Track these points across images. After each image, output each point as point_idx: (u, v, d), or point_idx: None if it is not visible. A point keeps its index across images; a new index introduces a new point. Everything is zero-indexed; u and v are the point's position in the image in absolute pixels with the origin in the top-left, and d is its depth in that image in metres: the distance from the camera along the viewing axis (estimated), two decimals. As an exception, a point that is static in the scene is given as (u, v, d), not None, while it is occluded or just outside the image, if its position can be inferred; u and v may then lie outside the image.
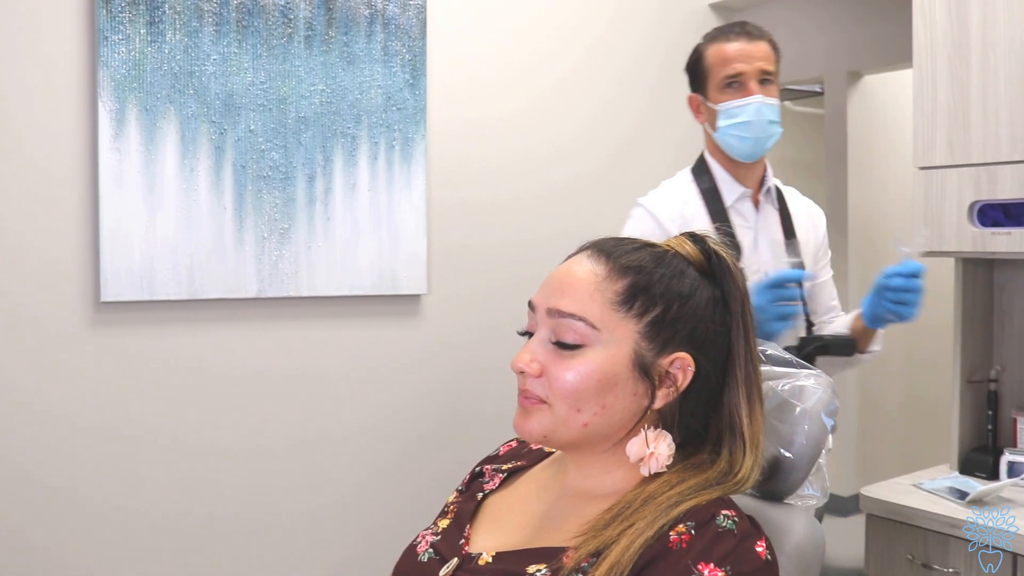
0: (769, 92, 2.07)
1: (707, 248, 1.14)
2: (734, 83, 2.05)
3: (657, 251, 1.12)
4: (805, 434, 1.21)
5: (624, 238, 1.14)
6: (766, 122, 2.06)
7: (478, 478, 1.28)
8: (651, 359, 1.06)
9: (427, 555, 1.16)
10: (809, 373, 1.27)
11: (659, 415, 1.09)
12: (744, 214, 2.15)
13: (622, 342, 1.06)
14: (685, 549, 0.97)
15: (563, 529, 1.07)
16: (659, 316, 1.06)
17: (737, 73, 2.04)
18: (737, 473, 1.07)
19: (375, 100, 2.66)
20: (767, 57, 2.07)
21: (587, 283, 1.07)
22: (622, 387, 1.06)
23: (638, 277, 1.07)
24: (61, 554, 2.27)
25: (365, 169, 2.65)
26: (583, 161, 3.17)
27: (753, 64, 2.04)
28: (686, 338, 1.07)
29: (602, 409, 1.06)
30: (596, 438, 1.08)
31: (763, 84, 2.06)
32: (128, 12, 2.29)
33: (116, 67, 2.28)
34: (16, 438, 2.22)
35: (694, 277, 1.10)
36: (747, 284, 1.15)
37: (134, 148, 2.31)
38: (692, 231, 1.17)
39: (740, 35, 2.07)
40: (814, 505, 1.28)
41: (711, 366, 1.09)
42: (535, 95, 3.06)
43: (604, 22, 3.23)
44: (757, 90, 2.04)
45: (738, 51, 2.05)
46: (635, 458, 1.07)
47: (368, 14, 2.64)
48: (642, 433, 1.07)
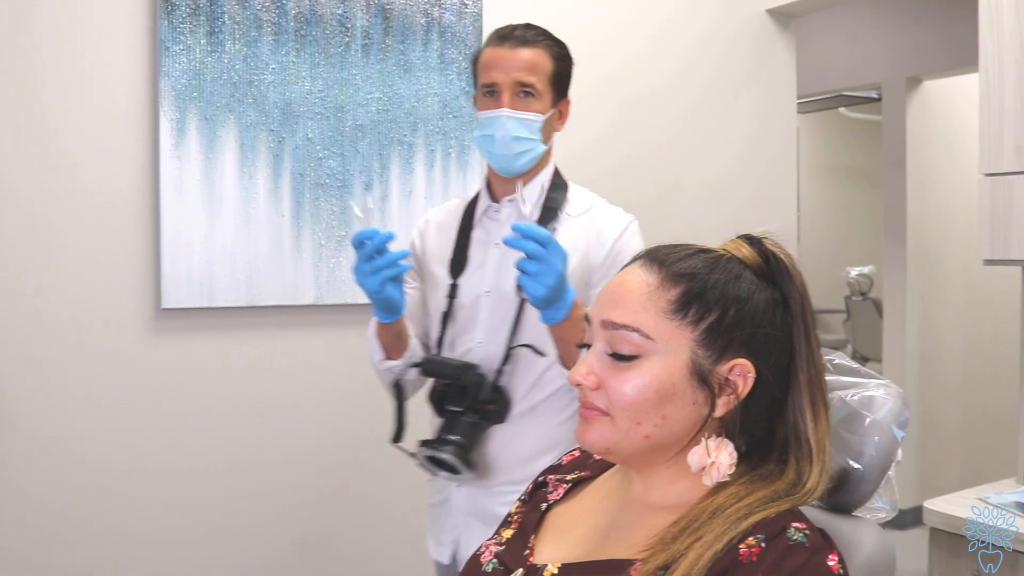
0: (527, 105, 1.84)
1: (764, 250, 1.10)
2: (490, 92, 1.85)
3: (711, 256, 1.09)
4: (875, 445, 1.18)
5: (678, 245, 1.12)
6: (511, 138, 1.83)
7: (541, 488, 1.27)
8: (709, 367, 1.04)
9: (491, 565, 1.15)
10: (879, 383, 1.24)
11: (721, 423, 1.07)
12: (488, 229, 1.93)
13: (678, 351, 1.04)
14: (756, 562, 0.95)
15: (628, 541, 1.05)
16: (715, 322, 1.04)
17: (492, 83, 1.84)
18: (805, 483, 1.05)
19: (431, 108, 2.67)
20: (529, 67, 1.85)
21: (640, 293, 1.06)
22: (681, 397, 1.04)
23: (691, 284, 1.05)
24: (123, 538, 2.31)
25: (422, 176, 2.66)
26: (637, 170, 3.15)
27: (509, 75, 1.83)
28: (745, 343, 1.05)
29: (662, 420, 1.04)
30: (658, 449, 1.07)
31: (521, 97, 1.84)
32: (189, 23, 2.32)
33: (177, 77, 2.31)
34: (81, 440, 2.26)
35: (751, 280, 1.07)
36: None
37: (194, 157, 2.34)
38: (749, 233, 1.14)
39: (503, 41, 1.86)
40: (883, 518, 1.26)
41: (773, 372, 1.06)
42: (589, 104, 3.05)
43: (658, 28, 3.21)
44: (508, 103, 1.83)
45: (494, 58, 1.85)
46: (696, 467, 1.05)
47: (424, 22, 2.65)
48: (703, 442, 1.06)
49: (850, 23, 4.65)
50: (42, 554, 2.22)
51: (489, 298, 1.85)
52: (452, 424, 1.79)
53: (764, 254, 1.10)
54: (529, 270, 1.59)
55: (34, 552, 2.22)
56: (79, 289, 2.25)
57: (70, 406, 2.25)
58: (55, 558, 2.24)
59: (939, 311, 4.93)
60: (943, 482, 4.55)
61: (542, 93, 1.87)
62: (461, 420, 1.79)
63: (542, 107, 1.87)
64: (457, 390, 1.80)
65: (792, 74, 3.59)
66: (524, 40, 1.87)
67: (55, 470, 2.24)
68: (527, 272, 1.59)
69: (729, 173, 3.40)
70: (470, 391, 1.79)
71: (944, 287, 4.97)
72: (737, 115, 3.42)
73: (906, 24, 4.31)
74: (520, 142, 1.85)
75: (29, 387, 2.21)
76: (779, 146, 3.56)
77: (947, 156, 4.83)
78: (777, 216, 3.54)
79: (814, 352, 1.08)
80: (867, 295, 6.79)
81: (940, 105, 4.81)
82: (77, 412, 2.26)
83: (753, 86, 3.46)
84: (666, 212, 3.19)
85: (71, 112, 2.24)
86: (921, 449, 4.73)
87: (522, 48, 1.86)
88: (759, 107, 3.48)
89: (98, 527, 2.29)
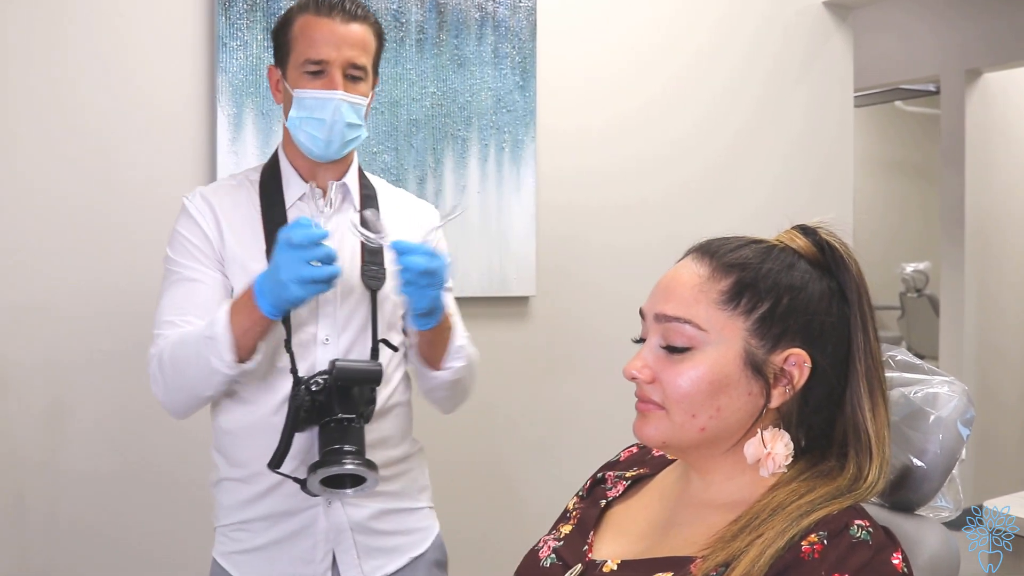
0: (356, 88, 1.66)
1: (819, 240, 1.09)
2: (318, 71, 1.63)
3: (764, 246, 1.09)
4: (939, 443, 1.16)
5: (729, 237, 1.11)
6: (344, 124, 1.64)
7: (600, 484, 1.27)
8: (763, 356, 1.03)
9: (549, 560, 1.15)
10: (943, 379, 1.22)
11: (779, 415, 1.06)
12: (310, 215, 1.69)
13: (731, 341, 1.03)
14: (818, 560, 0.94)
15: (688, 538, 1.05)
16: (768, 312, 1.03)
17: (321, 59, 1.62)
18: (865, 478, 1.03)
19: (485, 102, 2.67)
20: (361, 46, 1.65)
21: (691, 285, 1.06)
22: (735, 387, 1.03)
23: (743, 274, 1.05)
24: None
25: (475, 171, 2.66)
26: (692, 165, 3.13)
27: (342, 52, 1.62)
28: (800, 333, 1.04)
29: (717, 412, 1.04)
30: (714, 442, 1.06)
31: (351, 80, 1.65)
32: (246, 19, 2.34)
33: (234, 72, 2.34)
34: (128, 439, 2.29)
35: (805, 270, 1.07)
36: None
37: (251, 151, 2.36)
38: (803, 224, 1.13)
39: (332, 11, 1.63)
40: (946, 518, 1.24)
41: (830, 362, 1.05)
42: (645, 97, 3.04)
43: (713, 22, 3.19)
44: (340, 84, 1.63)
45: (322, 32, 1.62)
46: (752, 459, 1.05)
47: (479, 17, 2.66)
48: (759, 433, 1.05)
49: (907, 13, 4.58)
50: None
51: (331, 291, 1.62)
52: (340, 434, 1.54)
53: (819, 243, 1.09)
54: (420, 283, 1.52)
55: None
56: (136, 285, 2.27)
57: (129, 404, 2.27)
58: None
59: (997, 309, 4.85)
60: (1001, 483, 4.48)
61: (368, 75, 1.69)
62: (351, 427, 1.55)
63: (366, 89, 1.69)
64: (343, 396, 1.56)
65: (849, 67, 3.54)
66: (354, 14, 1.65)
67: (110, 473, 2.28)
68: (417, 284, 1.52)
69: (785, 168, 3.36)
70: (358, 396, 1.58)
71: (1002, 285, 4.89)
72: (793, 109, 3.38)
73: (965, 14, 4.23)
74: (353, 129, 1.67)
75: (92, 385, 2.24)
76: (835, 140, 3.51)
77: (1007, 151, 4.74)
78: (833, 211, 3.50)
79: (872, 343, 1.07)
80: (923, 292, 6.69)
81: (1000, 98, 4.72)
82: (136, 411, 2.28)
83: (809, 79, 3.42)
84: (721, 206, 3.16)
85: (128, 109, 2.26)
86: (978, 449, 4.66)
87: (353, 23, 1.65)
88: (815, 101, 3.44)
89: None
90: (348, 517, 1.68)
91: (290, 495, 1.63)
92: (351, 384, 1.56)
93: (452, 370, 1.74)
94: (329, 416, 1.55)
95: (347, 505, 1.68)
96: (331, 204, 1.71)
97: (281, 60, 1.69)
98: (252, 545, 1.68)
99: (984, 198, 4.70)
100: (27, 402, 2.17)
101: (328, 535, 1.67)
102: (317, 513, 1.66)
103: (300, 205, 1.71)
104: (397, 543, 1.75)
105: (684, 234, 2.35)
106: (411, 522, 1.79)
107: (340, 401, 1.55)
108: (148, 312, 2.27)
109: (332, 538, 1.67)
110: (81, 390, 2.23)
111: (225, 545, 1.71)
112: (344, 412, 1.54)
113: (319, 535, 1.67)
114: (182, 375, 1.58)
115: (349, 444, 1.53)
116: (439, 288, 1.56)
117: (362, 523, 1.69)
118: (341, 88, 1.62)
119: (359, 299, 1.69)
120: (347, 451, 1.52)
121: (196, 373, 1.55)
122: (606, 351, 2.84)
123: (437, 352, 1.72)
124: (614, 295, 2.93)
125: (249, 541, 1.68)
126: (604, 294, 2.93)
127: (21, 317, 2.17)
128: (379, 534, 1.72)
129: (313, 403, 1.55)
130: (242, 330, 1.51)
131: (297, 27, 1.64)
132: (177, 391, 1.61)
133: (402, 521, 1.77)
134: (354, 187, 1.76)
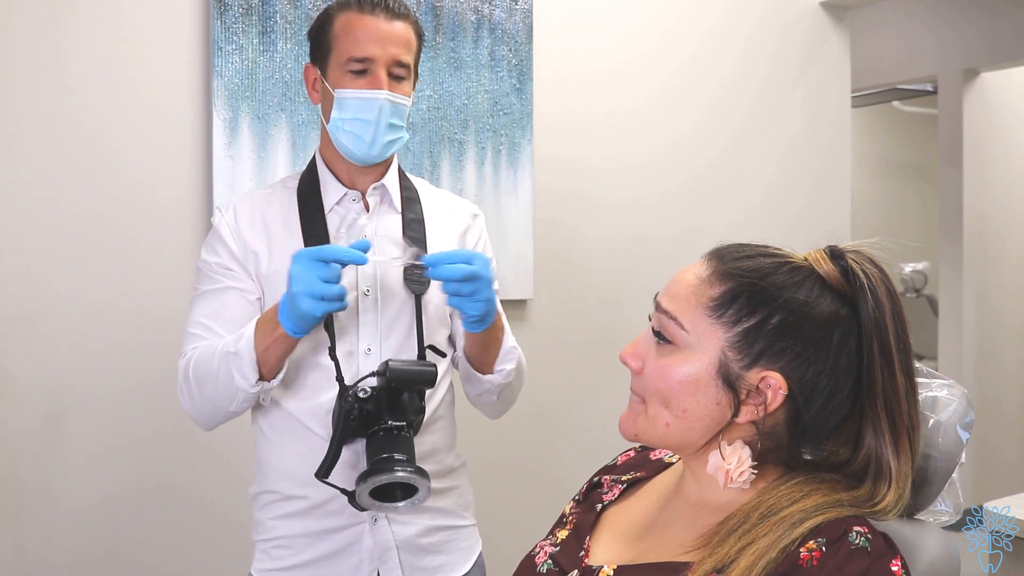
0: (400, 88, 1.61)
1: (845, 265, 1.04)
2: (362, 70, 1.58)
3: (778, 261, 1.05)
4: (939, 447, 1.15)
5: (747, 244, 1.08)
6: (387, 126, 1.60)
7: (596, 488, 1.27)
8: (737, 371, 1.02)
9: (546, 566, 1.15)
10: (942, 383, 1.21)
11: (757, 431, 1.04)
12: (348, 220, 1.67)
13: (707, 348, 1.03)
14: (816, 567, 0.93)
15: (678, 540, 1.05)
16: (754, 327, 1.02)
17: (366, 57, 1.57)
18: (877, 503, 1.01)
19: (482, 105, 2.67)
20: (406, 43, 1.60)
21: (689, 285, 1.06)
22: (703, 394, 1.03)
23: (739, 284, 1.03)
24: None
25: (472, 173, 2.65)
26: (691, 166, 3.13)
27: (387, 51, 1.57)
28: (784, 355, 1.01)
29: (683, 413, 1.04)
30: (679, 444, 1.07)
31: (396, 79, 1.61)
32: (241, 23, 2.33)
33: (230, 76, 2.33)
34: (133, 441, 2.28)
35: (817, 294, 1.03)
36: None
37: (247, 156, 2.35)
38: (834, 245, 1.07)
39: (375, 9, 1.58)
40: (946, 521, 1.23)
41: (827, 392, 1.02)
42: (642, 99, 3.03)
43: (710, 24, 3.19)
44: (386, 83, 1.58)
45: (367, 29, 1.57)
46: (712, 469, 1.05)
47: (475, 20, 2.65)
48: (719, 445, 1.04)
49: (904, 14, 4.57)
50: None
51: (370, 298, 1.62)
52: (390, 443, 1.48)
53: (844, 269, 1.05)
54: (463, 291, 1.48)
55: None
56: (134, 286, 2.27)
57: (131, 400, 2.27)
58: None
59: (996, 309, 4.85)
60: (1000, 485, 4.47)
61: (411, 74, 1.64)
62: (402, 436, 1.49)
63: (409, 89, 1.64)
64: (392, 402, 1.51)
65: (847, 68, 3.54)
66: (397, 12, 1.60)
67: (109, 477, 2.27)
68: (461, 294, 1.49)
69: (782, 168, 3.36)
70: (407, 403, 1.53)
71: (1001, 285, 4.88)
72: (791, 109, 3.38)
73: (963, 14, 4.22)
74: (393, 130, 1.62)
75: (91, 385, 2.23)
76: (833, 140, 3.51)
77: (1005, 151, 4.74)
78: (831, 211, 3.50)
79: (896, 379, 1.03)
80: (921, 292, 6.69)
81: (998, 98, 4.72)
82: (135, 418, 2.28)
83: (807, 80, 3.42)
84: (719, 208, 3.16)
85: (124, 113, 2.26)
86: (978, 451, 4.65)
87: (397, 20, 1.60)
88: (813, 101, 3.44)
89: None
90: (394, 535, 1.63)
91: (334, 512, 1.60)
92: (405, 385, 1.50)
93: (504, 373, 1.70)
94: (377, 424, 1.49)
95: (393, 523, 1.63)
96: (368, 209, 1.68)
97: (320, 59, 1.64)
98: (294, 563, 1.63)
99: (982, 197, 4.70)
100: (25, 409, 2.16)
101: (373, 554, 1.62)
102: (363, 531, 1.61)
103: (338, 210, 1.66)
104: (442, 562, 1.69)
105: (680, 234, 2.35)
106: (458, 540, 1.73)
107: (390, 408, 1.50)
108: (145, 316, 2.28)
109: (377, 557, 1.62)
110: (80, 397, 2.22)
111: (264, 562, 1.65)
112: (394, 419, 1.49)
113: (364, 554, 1.62)
114: (206, 389, 1.55)
115: (400, 452, 1.47)
116: (487, 290, 1.51)
117: (409, 540, 1.64)
118: (386, 87, 1.58)
119: (401, 305, 1.64)
120: (398, 459, 1.46)
121: (220, 388, 1.52)
122: (603, 354, 2.83)
123: (490, 355, 1.68)
124: (611, 297, 2.93)
125: (291, 559, 1.63)
126: (601, 296, 2.93)
127: (17, 324, 2.16)
128: (425, 552, 1.67)
129: (361, 412, 1.50)
130: (263, 347, 1.49)
131: (339, 25, 1.60)
132: (203, 404, 1.58)
133: (449, 538, 1.71)
134: (394, 189, 1.71)
